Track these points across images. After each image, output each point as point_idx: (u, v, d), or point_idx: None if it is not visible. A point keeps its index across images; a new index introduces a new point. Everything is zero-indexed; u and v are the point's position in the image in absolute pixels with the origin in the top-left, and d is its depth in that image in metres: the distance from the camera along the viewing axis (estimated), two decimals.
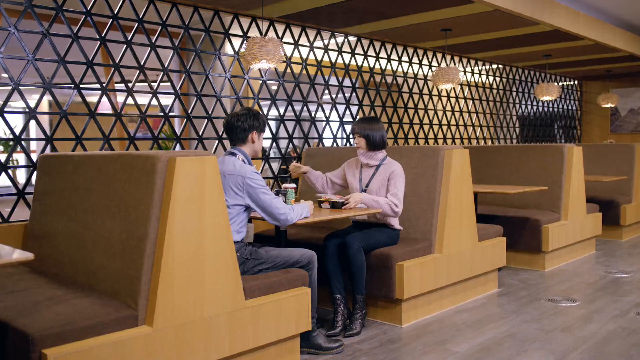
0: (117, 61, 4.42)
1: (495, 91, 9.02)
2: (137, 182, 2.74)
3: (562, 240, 5.74)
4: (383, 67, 6.83)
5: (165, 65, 4.70)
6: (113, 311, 2.53)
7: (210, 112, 5.05)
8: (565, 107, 10.84)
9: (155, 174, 2.65)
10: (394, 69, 7.02)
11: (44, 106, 13.12)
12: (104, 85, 4.35)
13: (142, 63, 4.55)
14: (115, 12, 4.42)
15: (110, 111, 4.55)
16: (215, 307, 2.79)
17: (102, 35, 4.34)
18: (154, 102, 4.62)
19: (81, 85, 4.19)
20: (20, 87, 3.90)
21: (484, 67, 8.63)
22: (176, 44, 4.81)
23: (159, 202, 2.65)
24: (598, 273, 5.42)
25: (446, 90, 7.91)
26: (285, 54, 5.56)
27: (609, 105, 9.94)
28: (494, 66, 8.89)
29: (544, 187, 5.61)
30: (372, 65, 6.63)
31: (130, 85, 4.46)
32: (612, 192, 7.55)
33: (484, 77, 8.73)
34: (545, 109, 10.25)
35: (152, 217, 2.63)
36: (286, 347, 3.24)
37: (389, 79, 7.06)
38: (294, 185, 3.71)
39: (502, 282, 5.08)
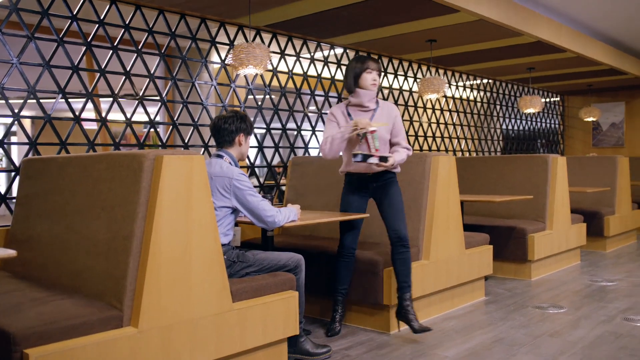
0: (102, 67, 4.39)
1: (479, 104, 9.09)
2: (124, 181, 2.70)
3: (548, 249, 5.76)
4: None
5: (152, 72, 4.68)
6: (97, 311, 2.48)
7: (196, 120, 5.02)
8: (548, 121, 10.95)
9: (142, 172, 2.62)
10: (380, 80, 7.04)
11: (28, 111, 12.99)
12: (90, 91, 4.31)
13: (127, 69, 4.53)
14: (101, 18, 4.39)
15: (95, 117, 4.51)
16: (202, 309, 2.75)
17: (88, 40, 4.31)
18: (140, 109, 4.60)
19: (66, 90, 4.15)
20: (5, 91, 3.85)
21: (468, 81, 8.70)
22: (162, 51, 4.79)
23: (146, 201, 2.61)
24: (584, 282, 5.44)
25: (431, 102, 7.96)
26: (271, 62, 5.57)
27: (591, 119, 10.05)
28: (478, 81, 8.98)
29: (529, 196, 5.64)
30: None
31: (115, 91, 4.43)
32: (595, 204, 7.62)
33: (468, 91, 8.80)
34: (529, 123, 10.34)
35: (139, 215, 2.59)
36: (273, 351, 3.19)
37: None
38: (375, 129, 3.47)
39: (489, 290, 5.08)
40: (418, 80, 7.59)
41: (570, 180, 7.26)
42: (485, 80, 9.12)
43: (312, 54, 6.09)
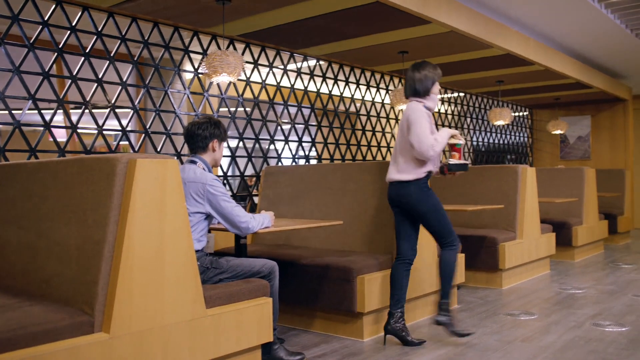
0: (74, 73, 4.34)
1: (450, 117, 9.21)
2: (96, 185, 2.67)
3: (519, 258, 5.83)
4: (341, 90, 6.90)
5: (124, 80, 4.64)
6: (67, 317, 2.43)
7: (168, 129, 4.99)
8: (517, 135, 11.14)
9: (115, 176, 2.59)
10: (352, 92, 7.10)
11: None
12: (60, 97, 4.26)
13: (99, 76, 4.49)
14: (73, 24, 4.35)
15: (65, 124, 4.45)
16: (175, 315, 2.71)
17: (60, 46, 4.27)
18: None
19: (36, 96, 4.09)
20: None
21: (439, 94, 8.81)
22: (135, 59, 4.76)
23: (118, 205, 2.58)
24: (553, 290, 5.51)
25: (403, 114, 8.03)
26: (245, 72, 5.57)
27: (559, 132, 10.25)
28: (449, 95, 9.10)
29: (500, 205, 5.72)
30: (330, 88, 6.70)
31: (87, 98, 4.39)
32: (564, 215, 7.75)
33: (439, 103, 8.91)
34: (499, 136, 10.50)
35: (111, 220, 2.56)
36: (247, 358, 3.16)
37: (347, 102, 7.13)
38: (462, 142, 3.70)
39: (461, 299, 5.12)
40: (390, 91, 7.66)
41: (539, 192, 7.37)
42: (455, 94, 9.25)
43: (285, 65, 6.11)
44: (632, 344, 3.69)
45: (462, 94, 9.42)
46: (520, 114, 11.32)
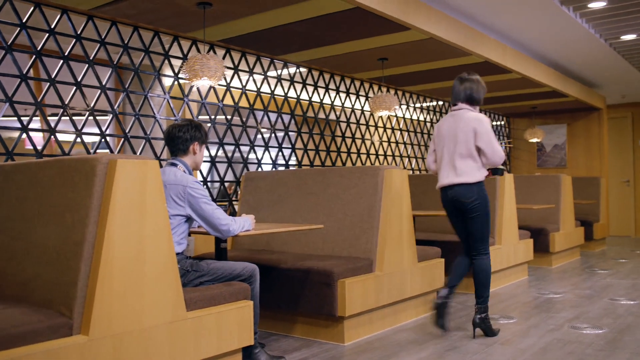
0: (52, 76, 4.30)
1: (429, 124, 9.27)
2: (75, 186, 2.64)
3: (498, 264, 5.87)
4: (321, 97, 6.92)
5: (103, 84, 4.61)
6: (45, 319, 2.39)
7: (148, 133, 4.96)
8: None
9: (95, 177, 2.56)
10: (332, 98, 7.12)
11: None
12: (38, 100, 4.21)
13: (79, 80, 4.45)
14: (52, 27, 4.32)
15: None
16: (155, 317, 2.69)
17: (38, 49, 4.23)
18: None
19: (13, 99, 4.04)
20: None
21: (418, 103, 8.88)
22: (115, 63, 4.73)
23: (98, 206, 2.55)
24: (532, 294, 5.57)
25: (382, 121, 8.09)
26: (225, 78, 5.56)
27: (535, 140, 10.38)
28: (428, 103, 9.17)
29: None
30: (310, 95, 6.71)
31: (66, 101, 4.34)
32: (541, 221, 7.84)
33: (418, 111, 8.98)
34: None
35: (91, 221, 2.53)
36: None
37: (327, 108, 7.15)
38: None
39: None
40: (370, 98, 7.70)
41: (516, 199, 7.45)
42: (434, 103, 9.33)
43: (265, 71, 6.12)
44: (609, 345, 3.73)
45: (440, 102, 9.50)
46: (498, 123, 11.44)
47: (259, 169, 6.22)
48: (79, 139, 4.45)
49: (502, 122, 11.64)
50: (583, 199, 9.37)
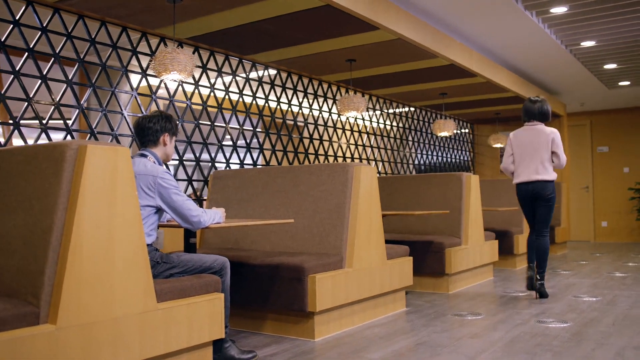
0: (17, 69, 4.20)
1: (395, 128, 9.36)
2: (43, 172, 2.58)
3: (464, 263, 5.94)
4: (289, 98, 6.92)
5: (69, 78, 4.52)
6: (11, 307, 2.32)
7: (115, 129, 4.88)
8: (459, 151, 11.41)
9: (64, 162, 2.51)
10: (300, 100, 7.13)
11: None
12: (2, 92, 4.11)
13: (44, 73, 4.36)
14: (17, 18, 4.22)
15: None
16: (125, 307, 2.63)
17: (2, 40, 4.13)
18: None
19: None
20: None
21: (385, 109, 8.96)
22: (82, 57, 4.65)
23: (67, 192, 2.50)
24: (498, 293, 5.64)
25: (350, 124, 8.12)
26: (194, 77, 5.52)
27: (499, 145, 10.56)
28: (394, 110, 9.26)
29: (445, 210, 5.84)
30: (279, 96, 6.70)
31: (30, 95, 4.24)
32: (506, 224, 7.97)
33: (385, 115, 9.05)
34: (442, 150, 10.73)
35: (59, 207, 2.47)
36: (199, 355, 3.09)
37: (296, 109, 7.15)
38: None
39: (409, 302, 5.17)
40: (337, 100, 7.74)
41: (482, 202, 7.56)
42: (399, 110, 9.42)
43: (233, 70, 6.09)
44: (574, 337, 3.80)
45: (405, 109, 9.60)
46: (463, 131, 11.62)
47: (228, 168, 6.18)
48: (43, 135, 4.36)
49: (467, 130, 11.82)
50: None
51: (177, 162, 5.44)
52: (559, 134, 5.21)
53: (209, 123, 5.77)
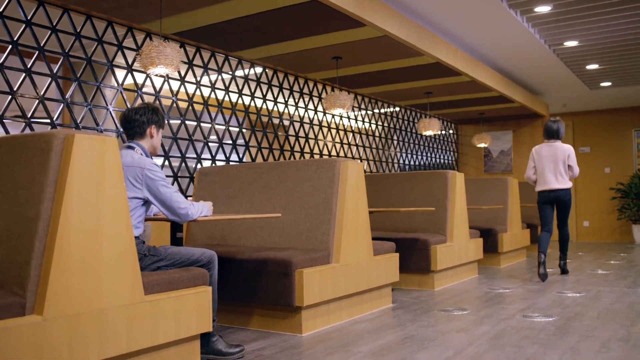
0: (0, 62, 4.15)
1: (381, 127, 9.38)
2: (30, 162, 2.54)
3: (449, 261, 5.96)
4: (275, 96, 6.91)
5: (54, 72, 4.47)
6: None
7: (100, 124, 4.84)
8: (443, 152, 11.47)
9: (51, 152, 2.48)
10: (286, 98, 7.12)
11: None
12: None
13: (28, 66, 4.31)
14: (0, 11, 4.17)
15: None
16: (113, 299, 2.61)
17: None
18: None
19: None
20: None
21: (370, 109, 8.99)
22: (67, 51, 4.60)
23: (54, 181, 2.47)
24: (483, 290, 5.67)
25: (335, 123, 8.13)
26: (179, 72, 5.49)
27: (483, 145, 10.64)
28: (379, 110, 9.29)
29: (431, 208, 5.86)
30: (264, 93, 6.69)
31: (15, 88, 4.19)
32: (490, 222, 8.02)
33: (370, 114, 9.07)
34: (426, 150, 10.78)
35: (46, 196, 2.44)
36: (186, 348, 3.07)
37: (281, 107, 7.14)
38: None
39: (395, 299, 5.18)
40: (323, 98, 7.75)
41: (466, 200, 7.61)
42: (384, 110, 9.45)
43: (219, 67, 6.07)
44: (559, 330, 3.83)
45: (391, 109, 9.63)
46: (448, 132, 11.68)
47: (214, 164, 6.15)
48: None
49: (451, 132, 11.89)
50: (528, 203, 9.63)
51: (162, 157, 5.40)
52: (573, 150, 6.34)
53: (195, 120, 5.74)
